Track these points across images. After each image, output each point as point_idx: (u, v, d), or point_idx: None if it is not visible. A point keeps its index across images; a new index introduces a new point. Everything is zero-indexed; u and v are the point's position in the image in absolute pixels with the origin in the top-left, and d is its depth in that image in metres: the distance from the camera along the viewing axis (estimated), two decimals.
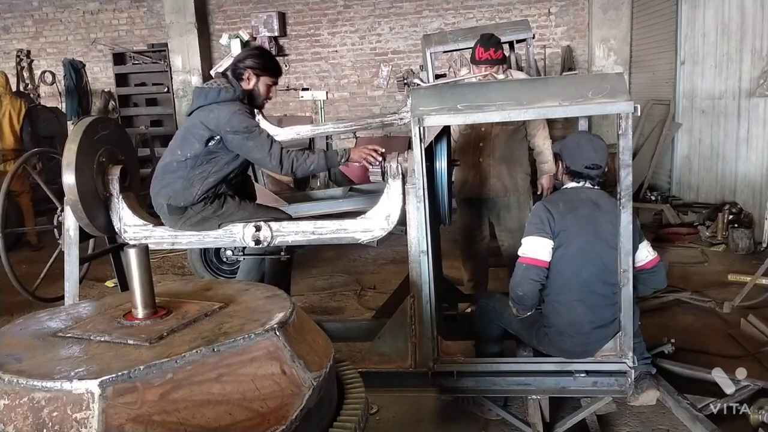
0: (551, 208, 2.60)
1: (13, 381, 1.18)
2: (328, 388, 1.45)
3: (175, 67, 10.31)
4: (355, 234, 2.66)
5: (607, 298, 2.56)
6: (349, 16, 9.93)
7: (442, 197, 2.75)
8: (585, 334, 2.57)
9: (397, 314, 2.63)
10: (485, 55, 3.68)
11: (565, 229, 2.56)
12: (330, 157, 2.87)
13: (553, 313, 2.64)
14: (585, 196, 2.65)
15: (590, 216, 2.58)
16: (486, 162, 3.78)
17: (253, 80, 3.05)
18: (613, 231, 2.50)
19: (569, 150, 2.73)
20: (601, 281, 2.56)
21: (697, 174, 6.84)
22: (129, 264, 1.41)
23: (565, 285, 2.60)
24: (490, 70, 3.68)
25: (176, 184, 2.93)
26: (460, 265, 4.23)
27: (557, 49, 9.37)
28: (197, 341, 1.28)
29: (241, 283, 1.78)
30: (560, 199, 2.67)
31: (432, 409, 3.05)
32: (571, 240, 2.57)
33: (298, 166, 2.85)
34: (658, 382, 2.78)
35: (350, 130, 5.91)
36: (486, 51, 3.68)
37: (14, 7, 10.88)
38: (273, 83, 3.12)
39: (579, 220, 2.58)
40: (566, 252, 2.58)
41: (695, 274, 4.86)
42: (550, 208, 2.60)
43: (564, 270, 2.59)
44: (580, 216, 2.58)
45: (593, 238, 2.56)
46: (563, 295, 2.60)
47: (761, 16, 5.49)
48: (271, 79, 3.10)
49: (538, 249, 2.58)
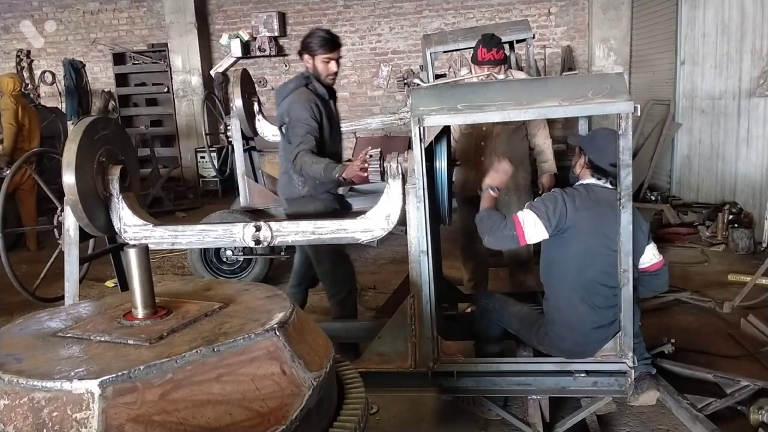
0: (568, 202, 2.56)
1: (13, 381, 1.18)
2: (328, 388, 1.45)
3: (175, 67, 10.31)
4: (355, 234, 2.66)
5: (608, 299, 2.55)
6: (349, 16, 9.93)
7: (442, 197, 2.75)
8: (585, 334, 2.56)
9: (397, 314, 2.63)
10: (488, 56, 3.67)
11: (574, 226, 2.54)
12: (327, 170, 3.01)
13: (554, 311, 2.63)
14: (603, 195, 2.60)
15: (603, 216, 2.54)
16: (487, 161, 3.76)
17: (310, 62, 3.31)
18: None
19: (598, 145, 2.66)
20: (604, 282, 2.55)
21: (697, 174, 6.84)
22: (129, 264, 1.40)
23: (569, 284, 2.59)
24: (492, 70, 3.68)
25: (282, 180, 3.43)
26: (460, 265, 4.23)
27: (557, 49, 9.38)
28: (197, 341, 1.28)
29: (241, 283, 1.78)
30: (579, 194, 2.62)
31: (432, 409, 3.06)
32: (578, 238, 2.54)
33: (302, 166, 3.11)
34: (658, 382, 2.78)
35: (350, 130, 5.91)
36: (489, 51, 3.67)
37: (14, 7, 10.88)
38: (329, 59, 3.29)
39: (591, 219, 2.55)
40: (572, 250, 2.56)
41: (695, 274, 4.86)
42: (567, 202, 2.55)
43: (568, 268, 2.58)
44: (593, 215, 2.55)
45: (602, 238, 2.53)
46: (565, 293, 2.60)
47: (761, 16, 5.49)
48: (325, 55, 3.28)
49: (533, 229, 2.56)
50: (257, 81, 9.77)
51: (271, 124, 5.44)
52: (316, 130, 3.21)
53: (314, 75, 3.32)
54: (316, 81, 3.32)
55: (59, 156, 2.79)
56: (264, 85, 10.28)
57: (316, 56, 3.27)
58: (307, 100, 3.22)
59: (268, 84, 10.38)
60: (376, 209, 2.60)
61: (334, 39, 3.30)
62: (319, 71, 3.30)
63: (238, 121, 5.14)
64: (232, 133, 5.24)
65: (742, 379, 2.92)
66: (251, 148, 5.42)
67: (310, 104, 3.22)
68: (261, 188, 5.25)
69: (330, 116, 3.38)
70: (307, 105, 3.21)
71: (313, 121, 3.20)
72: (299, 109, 3.20)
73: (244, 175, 5.12)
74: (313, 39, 3.28)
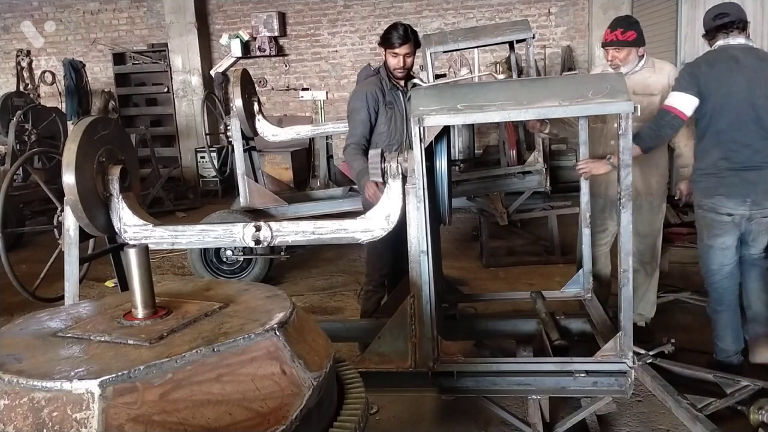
0: (703, 64, 3.04)
1: (13, 381, 1.18)
2: (328, 388, 1.45)
3: (175, 67, 10.31)
4: (355, 234, 2.66)
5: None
6: (349, 16, 9.94)
7: (442, 197, 2.75)
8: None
9: (397, 314, 2.63)
10: (611, 36, 3.36)
11: (707, 83, 2.96)
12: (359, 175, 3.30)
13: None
14: (735, 52, 3.02)
15: (739, 70, 2.97)
16: (614, 161, 3.31)
17: (383, 54, 3.46)
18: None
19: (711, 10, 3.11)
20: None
21: None
22: (129, 264, 1.40)
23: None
24: (618, 56, 3.37)
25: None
26: (460, 265, 4.23)
27: (557, 49, 9.38)
28: (197, 341, 1.28)
29: (241, 283, 1.78)
30: (710, 55, 3.06)
31: (432, 409, 3.06)
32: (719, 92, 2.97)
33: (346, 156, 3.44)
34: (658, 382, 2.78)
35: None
36: (612, 31, 3.36)
37: (14, 7, 10.88)
38: (396, 54, 3.38)
39: (727, 73, 2.98)
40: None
41: (695, 274, 4.84)
42: (702, 64, 3.04)
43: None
44: (726, 69, 2.98)
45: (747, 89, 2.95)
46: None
47: (761, 16, 5.49)
48: (390, 50, 3.38)
49: (685, 102, 2.99)
50: (257, 81, 9.78)
51: (271, 124, 5.45)
52: (366, 121, 3.41)
53: (386, 67, 3.47)
54: (387, 73, 3.47)
55: (59, 156, 2.79)
56: (264, 85, 10.29)
57: (387, 49, 3.41)
58: (365, 91, 3.44)
59: (268, 84, 10.38)
60: (376, 209, 2.60)
61: (403, 35, 3.36)
62: (389, 64, 3.44)
63: (238, 121, 5.14)
64: (232, 133, 5.25)
65: (742, 379, 2.92)
66: (251, 148, 5.43)
67: (366, 95, 3.41)
68: (261, 188, 5.25)
69: (397, 107, 3.49)
70: (363, 96, 3.42)
71: (365, 111, 3.40)
72: (354, 100, 3.49)
73: (244, 175, 5.12)
74: (386, 32, 3.42)
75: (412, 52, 3.43)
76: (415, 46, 3.43)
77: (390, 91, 3.47)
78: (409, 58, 3.42)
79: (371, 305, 3.60)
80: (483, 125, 8.53)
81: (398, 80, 3.49)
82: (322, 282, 5.25)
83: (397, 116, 3.48)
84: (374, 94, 3.42)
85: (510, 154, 5.83)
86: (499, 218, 5.35)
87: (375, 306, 3.59)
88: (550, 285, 4.07)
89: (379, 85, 3.46)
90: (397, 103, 3.49)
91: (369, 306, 3.60)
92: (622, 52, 3.38)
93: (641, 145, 3.09)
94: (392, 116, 3.46)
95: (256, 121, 5.30)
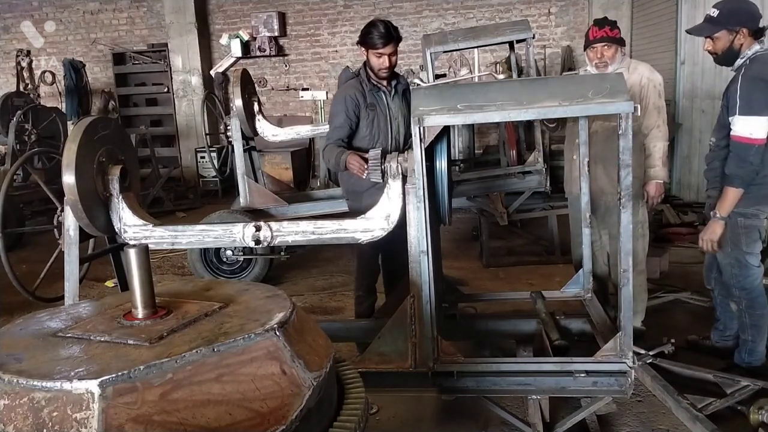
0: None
1: (13, 381, 1.18)
2: (328, 388, 1.45)
3: (175, 67, 10.31)
4: (355, 234, 2.66)
5: None
6: (349, 16, 9.94)
7: (442, 197, 2.75)
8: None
9: (397, 314, 2.63)
10: (600, 33, 3.36)
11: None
12: (338, 159, 3.15)
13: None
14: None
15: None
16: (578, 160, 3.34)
17: (365, 54, 3.33)
18: None
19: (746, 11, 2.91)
20: None
21: (697, 174, 6.83)
22: (129, 264, 1.40)
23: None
24: (606, 53, 3.37)
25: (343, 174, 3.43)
26: (460, 265, 4.23)
27: (557, 49, 9.38)
28: (197, 341, 1.28)
29: (241, 283, 1.78)
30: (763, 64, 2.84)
31: (432, 409, 3.06)
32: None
33: (324, 156, 3.33)
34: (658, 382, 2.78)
35: None
36: (600, 28, 3.37)
37: (14, 7, 10.88)
38: (380, 54, 3.26)
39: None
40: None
41: (695, 274, 4.85)
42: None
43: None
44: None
45: None
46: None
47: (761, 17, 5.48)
48: (373, 50, 3.27)
49: (760, 127, 2.78)
50: (257, 81, 9.78)
51: (271, 124, 5.45)
52: (345, 125, 3.31)
53: (369, 68, 3.36)
54: (369, 74, 3.36)
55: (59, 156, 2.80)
56: (264, 85, 10.29)
57: (368, 49, 3.28)
58: (344, 95, 3.33)
59: (268, 84, 10.38)
60: (376, 209, 2.60)
61: (385, 34, 3.23)
62: (371, 65, 3.33)
63: (238, 121, 5.14)
64: (232, 133, 5.24)
65: (742, 379, 2.92)
66: (251, 148, 5.43)
67: (345, 99, 3.31)
68: (261, 188, 5.25)
69: (380, 109, 3.37)
70: (341, 100, 3.33)
71: (343, 115, 3.30)
72: (334, 104, 3.40)
73: (244, 175, 5.12)
74: (365, 31, 3.29)
75: (396, 50, 3.31)
76: (397, 42, 3.30)
77: (371, 92, 3.36)
78: (393, 57, 3.29)
79: (364, 309, 3.60)
80: (483, 125, 8.53)
81: (381, 80, 3.38)
82: (322, 282, 5.25)
83: (380, 118, 3.37)
84: (354, 97, 3.31)
85: (510, 154, 5.83)
86: (499, 218, 5.35)
87: (369, 310, 3.60)
88: (550, 285, 4.06)
89: (359, 88, 3.34)
90: (380, 104, 3.38)
91: (362, 310, 3.61)
92: (611, 50, 3.38)
93: (742, 187, 2.90)
94: (374, 118, 3.35)
95: (256, 121, 5.30)
